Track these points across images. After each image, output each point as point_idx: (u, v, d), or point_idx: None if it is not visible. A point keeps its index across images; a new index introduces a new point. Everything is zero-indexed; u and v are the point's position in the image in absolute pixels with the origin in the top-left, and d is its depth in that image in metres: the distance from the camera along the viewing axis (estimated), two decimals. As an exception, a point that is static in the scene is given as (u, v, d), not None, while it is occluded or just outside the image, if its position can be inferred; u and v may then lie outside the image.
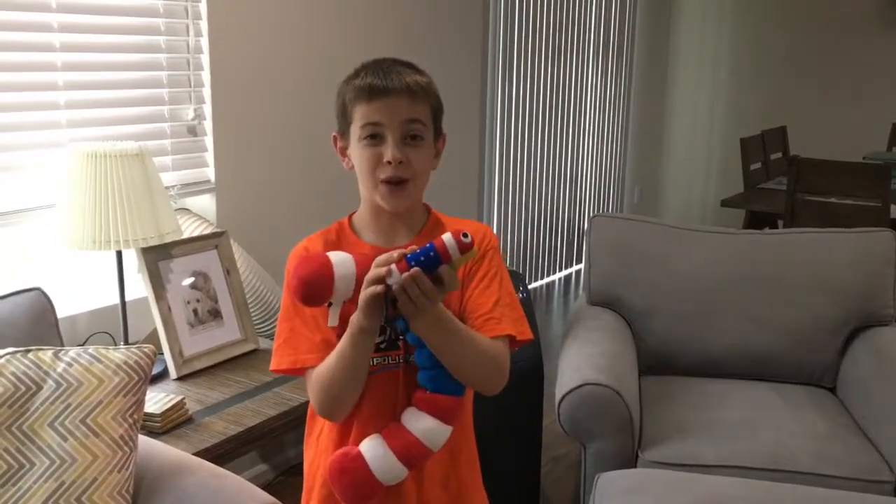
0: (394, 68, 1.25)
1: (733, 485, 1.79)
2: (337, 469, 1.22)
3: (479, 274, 1.28)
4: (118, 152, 1.90)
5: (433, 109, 1.28)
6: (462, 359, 1.20)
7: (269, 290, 2.36)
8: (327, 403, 1.25)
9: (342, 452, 1.23)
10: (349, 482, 1.21)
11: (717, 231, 2.56)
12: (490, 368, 1.23)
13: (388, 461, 1.20)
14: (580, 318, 2.45)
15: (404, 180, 1.24)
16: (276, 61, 2.63)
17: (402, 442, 1.21)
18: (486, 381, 1.25)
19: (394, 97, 1.22)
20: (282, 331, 1.29)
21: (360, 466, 1.20)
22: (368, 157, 1.24)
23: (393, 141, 1.22)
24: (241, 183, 2.56)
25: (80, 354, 1.50)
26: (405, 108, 1.22)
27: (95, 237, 1.88)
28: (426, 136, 1.26)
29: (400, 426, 1.22)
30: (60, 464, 1.40)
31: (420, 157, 1.25)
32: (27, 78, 2.05)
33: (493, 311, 1.26)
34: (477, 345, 1.22)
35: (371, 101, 1.22)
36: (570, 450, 2.77)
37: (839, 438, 2.06)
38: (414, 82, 1.24)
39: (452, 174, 3.50)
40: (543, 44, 4.46)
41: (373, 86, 1.22)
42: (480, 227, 1.33)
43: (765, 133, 4.95)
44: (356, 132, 1.25)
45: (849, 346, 2.37)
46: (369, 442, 1.22)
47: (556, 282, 5.00)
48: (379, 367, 1.25)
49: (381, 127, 1.22)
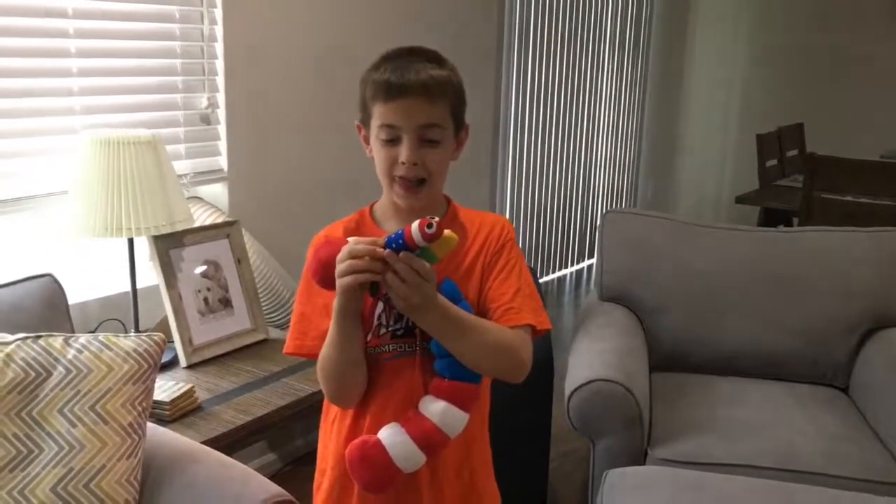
0: (413, 64, 1.23)
1: (743, 484, 1.77)
2: (357, 456, 1.22)
3: (498, 265, 1.29)
4: (131, 139, 1.90)
5: (453, 106, 1.27)
6: (475, 352, 1.21)
7: (279, 280, 2.36)
8: (331, 389, 1.27)
9: (362, 440, 1.24)
10: (369, 469, 1.22)
11: (731, 228, 2.54)
12: (507, 359, 1.23)
13: (407, 448, 1.21)
14: (591, 314, 2.44)
15: (420, 180, 1.25)
16: (290, 50, 2.62)
17: (420, 429, 1.21)
18: (503, 370, 1.26)
19: (410, 98, 1.21)
20: (294, 315, 1.32)
21: (380, 454, 1.21)
22: (385, 157, 1.25)
23: (408, 143, 1.23)
24: (254, 172, 2.56)
25: (90, 341, 1.50)
26: (422, 112, 1.22)
27: (107, 224, 1.88)
28: (444, 137, 1.26)
29: (418, 413, 1.23)
30: (69, 450, 1.40)
31: (436, 158, 1.25)
32: (41, 64, 2.05)
33: (512, 300, 1.26)
34: (490, 336, 1.22)
35: (388, 101, 1.22)
36: (578, 445, 2.76)
37: (851, 439, 2.04)
38: (432, 80, 1.23)
39: (466, 166, 3.47)
40: (559, 38, 4.44)
41: (390, 84, 1.22)
42: (499, 220, 1.34)
43: (781, 129, 4.90)
44: (374, 130, 1.26)
45: (862, 347, 2.34)
46: (388, 430, 1.23)
47: (568, 276, 4.99)
48: (395, 353, 1.26)
49: (398, 129, 1.23)
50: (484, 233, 1.31)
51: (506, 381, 1.27)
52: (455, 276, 1.26)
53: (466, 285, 1.27)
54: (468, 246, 1.30)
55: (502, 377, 1.27)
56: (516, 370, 1.25)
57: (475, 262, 1.29)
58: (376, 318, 1.25)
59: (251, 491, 1.42)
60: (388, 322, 1.25)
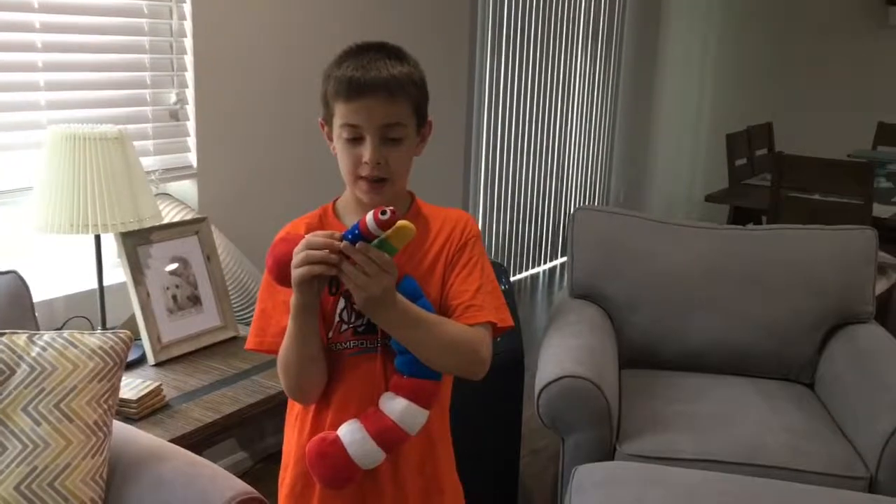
0: (375, 62, 1.22)
1: (709, 478, 1.80)
2: (315, 453, 1.23)
3: (460, 262, 1.29)
4: (98, 135, 1.88)
5: (414, 103, 1.26)
6: (431, 348, 1.21)
7: (249, 276, 2.35)
8: (290, 385, 1.26)
9: (320, 437, 1.24)
10: (328, 466, 1.22)
11: (699, 226, 2.57)
12: (464, 356, 1.24)
13: (365, 445, 1.21)
14: (562, 311, 2.45)
15: (383, 179, 1.25)
16: (259, 47, 2.61)
17: (379, 426, 1.22)
18: (462, 368, 1.26)
19: (371, 98, 1.21)
20: (256, 311, 1.32)
21: (338, 451, 1.21)
22: (348, 156, 1.25)
23: (371, 143, 1.22)
24: (223, 169, 2.54)
25: (54, 339, 1.48)
26: (383, 111, 1.22)
27: (73, 221, 1.85)
28: (406, 135, 1.26)
29: (377, 410, 1.23)
30: (33, 448, 1.39)
31: (398, 156, 1.25)
32: (6, 58, 2.02)
33: (474, 298, 1.26)
34: (448, 333, 1.22)
35: (349, 100, 1.22)
36: (549, 442, 2.78)
37: (816, 434, 2.07)
38: (393, 79, 1.22)
39: (438, 163, 3.49)
40: (532, 36, 4.45)
41: (351, 82, 1.21)
42: (462, 215, 1.34)
43: (750, 129, 4.96)
44: (336, 129, 1.26)
45: (827, 343, 2.38)
46: (347, 426, 1.23)
47: (540, 274, 5.01)
48: (356, 349, 1.26)
49: (360, 129, 1.23)
50: (447, 229, 1.31)
51: (465, 378, 1.27)
52: (417, 273, 1.26)
53: (428, 281, 1.27)
54: (430, 242, 1.30)
55: (461, 374, 1.28)
56: (475, 367, 1.25)
57: (437, 258, 1.29)
58: (338, 315, 1.25)
59: (218, 488, 1.41)
60: (350, 318, 1.25)
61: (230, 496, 1.39)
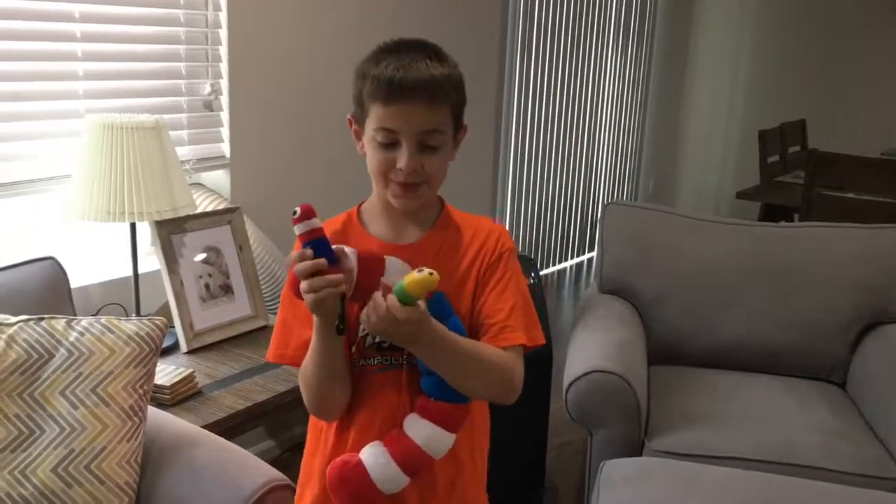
0: (416, 62, 1.15)
1: (738, 476, 1.79)
2: (337, 478, 1.18)
3: (494, 277, 1.23)
4: (135, 124, 1.90)
5: (454, 108, 1.20)
6: (460, 375, 1.16)
7: (280, 267, 2.37)
8: (311, 401, 1.21)
9: (342, 461, 1.19)
10: (349, 492, 1.18)
11: (731, 222, 2.55)
12: (497, 384, 1.19)
13: (389, 470, 1.16)
14: (591, 306, 2.44)
15: (418, 183, 1.19)
16: (293, 38, 2.62)
17: (403, 449, 1.16)
18: (493, 394, 1.22)
19: (411, 103, 1.14)
20: (277, 320, 1.27)
21: (361, 475, 1.17)
22: (381, 160, 1.18)
23: (407, 150, 1.16)
24: (256, 159, 2.56)
25: (92, 324, 1.51)
26: (422, 117, 1.15)
27: (110, 208, 1.88)
28: (443, 142, 1.19)
29: (401, 433, 1.18)
30: (70, 431, 1.41)
31: (435, 163, 1.19)
32: (46, 47, 2.05)
33: (508, 318, 1.20)
34: (483, 360, 1.17)
35: (387, 104, 1.14)
36: (576, 436, 2.78)
37: (847, 434, 2.05)
38: (434, 81, 1.15)
39: (467, 160, 3.48)
40: (562, 30, 4.43)
41: (391, 83, 1.13)
42: (495, 228, 1.28)
43: (784, 126, 4.91)
44: (370, 131, 1.18)
45: (860, 343, 2.35)
46: (370, 449, 1.18)
47: (568, 269, 4.99)
48: (380, 366, 1.21)
49: (396, 134, 1.16)
50: (479, 240, 1.25)
51: (495, 403, 1.23)
52: (448, 285, 1.18)
53: (459, 295, 1.21)
54: (462, 252, 1.24)
55: (491, 400, 1.24)
56: (507, 394, 1.20)
57: (469, 270, 1.23)
58: (361, 329, 1.20)
59: (250, 474, 1.43)
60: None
61: (262, 482, 1.41)
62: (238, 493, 1.39)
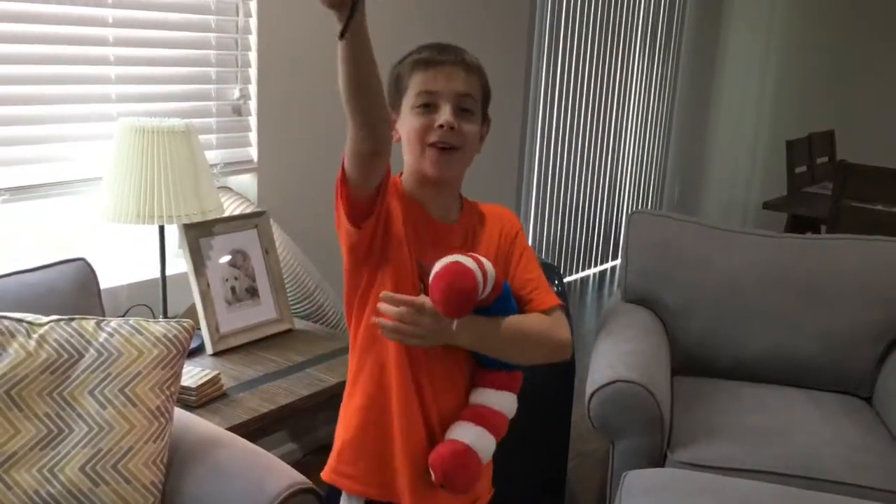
0: (450, 46, 1.31)
1: (762, 489, 1.77)
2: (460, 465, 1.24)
3: (516, 252, 1.36)
4: (165, 128, 1.93)
5: (483, 90, 1.33)
6: (518, 355, 1.30)
7: (305, 271, 2.38)
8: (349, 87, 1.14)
9: (451, 450, 1.24)
10: (470, 477, 1.25)
11: (757, 233, 2.53)
12: (548, 349, 1.32)
13: (483, 439, 1.26)
14: (614, 315, 2.44)
15: (454, 147, 1.28)
16: (322, 45, 2.63)
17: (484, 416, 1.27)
18: (548, 359, 1.33)
19: (450, 67, 1.27)
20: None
21: (474, 457, 1.25)
22: (420, 123, 1.27)
23: (448, 106, 1.26)
24: (283, 164, 2.58)
25: (121, 325, 1.53)
26: (461, 80, 1.27)
27: (139, 211, 1.91)
28: (476, 113, 1.30)
29: (474, 406, 1.29)
30: (98, 431, 1.43)
31: (470, 129, 1.29)
32: (80, 51, 2.09)
33: (539, 284, 1.34)
34: (529, 335, 1.30)
35: (428, 69, 1.27)
36: (598, 446, 2.77)
37: (873, 449, 2.03)
38: (470, 58, 1.31)
39: (492, 163, 3.50)
40: (589, 36, 4.43)
41: (430, 58, 1.28)
42: (506, 210, 1.42)
43: (812, 136, 4.87)
44: (410, 101, 1.28)
45: (888, 357, 2.33)
46: (461, 429, 1.26)
47: (591, 277, 4.98)
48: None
49: (436, 95, 1.27)
50: (498, 223, 1.38)
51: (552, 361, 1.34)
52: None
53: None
54: (486, 236, 1.36)
55: (549, 361, 1.34)
56: (560, 356, 1.33)
57: (497, 251, 1.35)
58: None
59: (275, 477, 1.44)
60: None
61: (286, 485, 1.42)
62: (262, 496, 1.40)
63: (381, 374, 1.29)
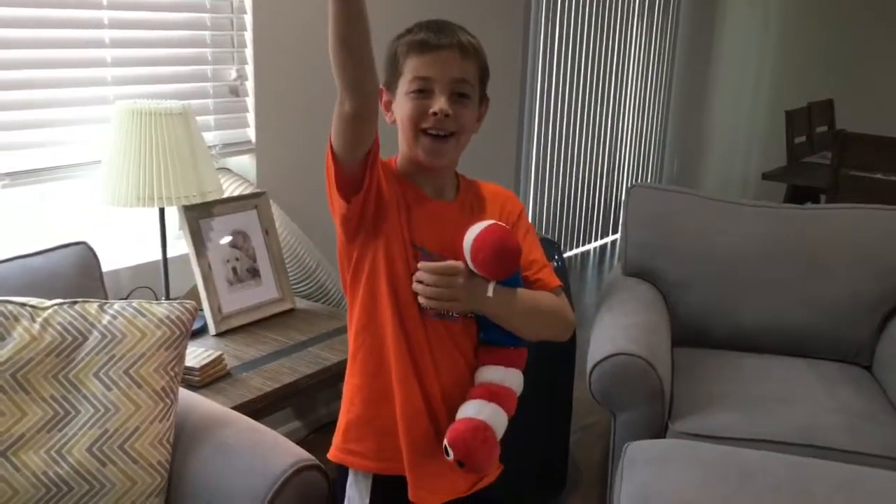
0: (447, 26, 1.29)
1: (763, 458, 1.79)
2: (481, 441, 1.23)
3: (519, 231, 1.36)
4: (163, 111, 1.93)
5: (481, 71, 1.31)
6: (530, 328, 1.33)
7: (306, 251, 2.39)
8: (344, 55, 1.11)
9: (472, 426, 1.23)
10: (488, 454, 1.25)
11: (757, 204, 2.53)
12: (559, 325, 1.37)
13: (498, 415, 1.27)
14: (615, 289, 2.45)
15: (449, 133, 1.27)
16: (318, 24, 2.62)
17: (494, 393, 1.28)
18: (556, 336, 1.38)
19: (446, 52, 1.25)
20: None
21: (492, 435, 1.25)
22: (415, 108, 1.26)
23: (442, 94, 1.25)
24: (282, 144, 2.58)
25: (124, 308, 1.54)
26: (456, 66, 1.26)
27: (139, 194, 1.91)
28: (472, 96, 1.29)
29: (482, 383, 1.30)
30: (104, 412, 1.45)
31: (466, 114, 1.28)
32: (75, 35, 2.08)
33: (542, 267, 1.36)
34: (544, 309, 1.33)
35: (423, 54, 1.25)
36: (599, 418, 2.79)
37: (873, 416, 2.04)
38: (467, 41, 1.28)
39: (491, 139, 3.49)
40: (588, 10, 4.40)
41: (426, 40, 1.26)
42: (506, 190, 1.43)
43: (811, 105, 4.85)
44: (404, 85, 1.27)
45: (887, 325, 2.34)
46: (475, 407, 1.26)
47: (592, 251, 4.99)
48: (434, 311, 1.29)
49: (431, 81, 1.25)
50: (499, 202, 1.38)
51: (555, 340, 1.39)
52: None
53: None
54: (489, 212, 1.35)
55: (554, 339, 1.38)
56: (567, 333, 1.38)
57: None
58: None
59: (279, 454, 1.46)
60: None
61: (291, 462, 1.43)
62: (267, 473, 1.42)
63: (380, 352, 1.29)
